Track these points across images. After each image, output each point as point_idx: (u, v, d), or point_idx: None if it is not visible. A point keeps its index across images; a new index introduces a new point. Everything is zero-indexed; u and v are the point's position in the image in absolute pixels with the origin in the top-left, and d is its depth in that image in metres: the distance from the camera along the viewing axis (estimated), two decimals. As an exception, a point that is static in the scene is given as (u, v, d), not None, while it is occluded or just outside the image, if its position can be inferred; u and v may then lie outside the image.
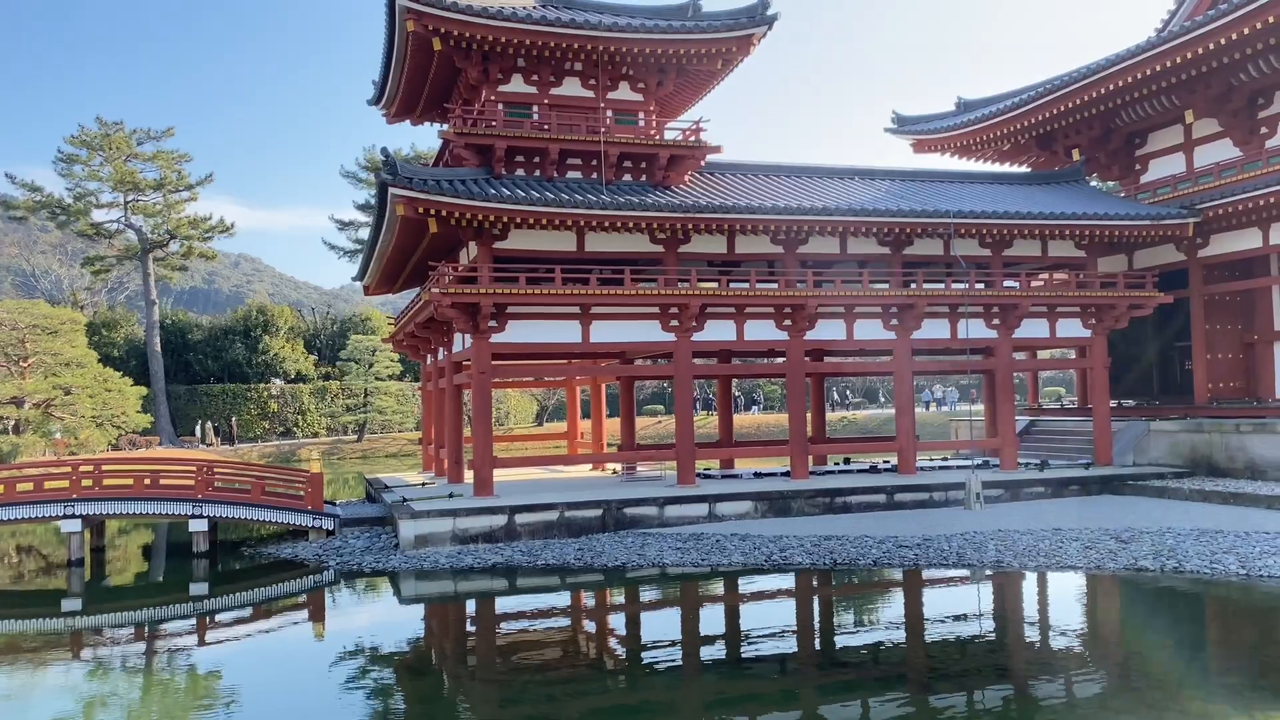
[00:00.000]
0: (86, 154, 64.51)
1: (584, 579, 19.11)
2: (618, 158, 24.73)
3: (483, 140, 23.69)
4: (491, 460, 23.82)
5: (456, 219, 22.28)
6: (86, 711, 12.47)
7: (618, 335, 24.65)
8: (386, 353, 66.26)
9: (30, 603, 20.34)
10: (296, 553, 22.32)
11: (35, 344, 47.09)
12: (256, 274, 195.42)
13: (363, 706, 12.19)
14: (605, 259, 24.70)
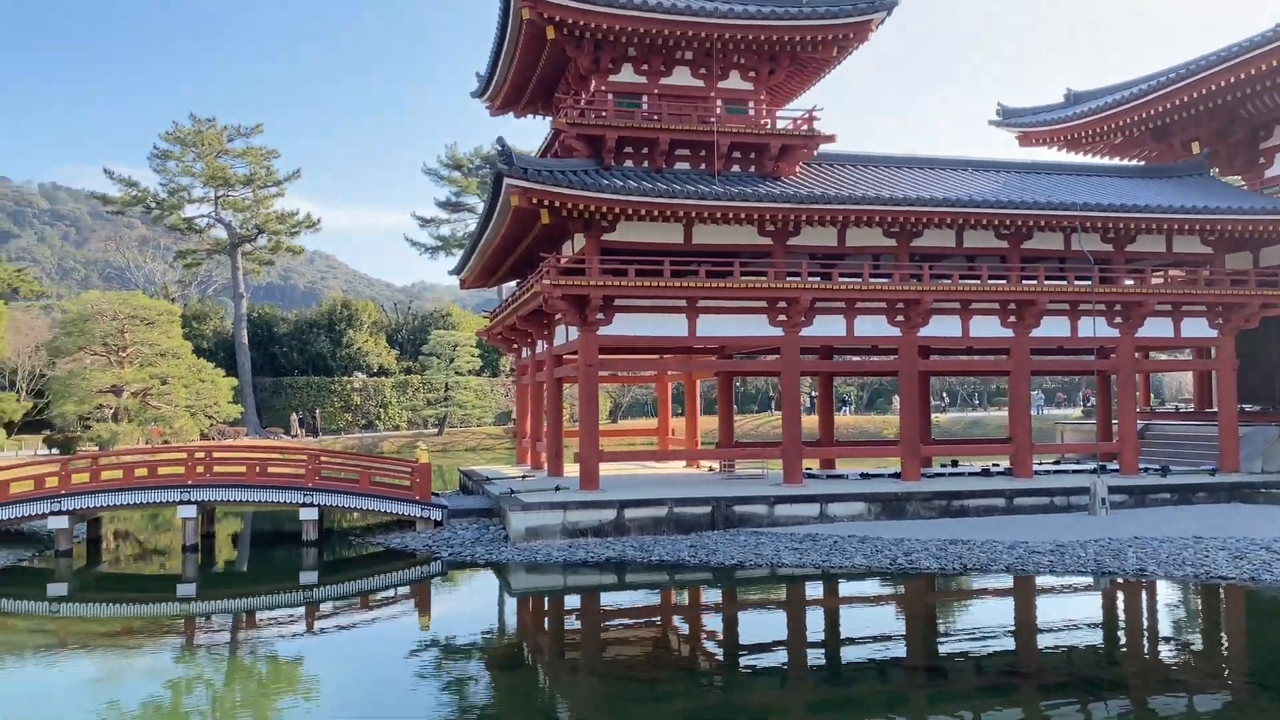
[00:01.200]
0: (180, 150, 66.04)
1: (694, 577, 18.71)
2: (728, 148, 24.23)
3: (594, 131, 23.37)
4: (598, 454, 23.52)
5: (568, 210, 22.01)
6: (194, 694, 12.49)
7: (724, 330, 24.16)
8: (467, 348, 66.72)
9: (149, 587, 20.62)
10: (405, 543, 22.26)
11: (133, 334, 48.20)
12: (331, 270, 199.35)
13: (469, 696, 12.06)
14: (712, 251, 24.23)
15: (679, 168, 24.65)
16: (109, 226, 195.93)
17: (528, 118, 29.61)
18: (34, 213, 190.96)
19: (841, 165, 27.04)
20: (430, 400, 67.73)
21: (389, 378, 71.31)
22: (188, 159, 65.96)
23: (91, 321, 47.45)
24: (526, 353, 32.25)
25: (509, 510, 21.59)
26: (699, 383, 32.87)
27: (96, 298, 50.23)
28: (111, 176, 66.28)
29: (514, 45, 24.12)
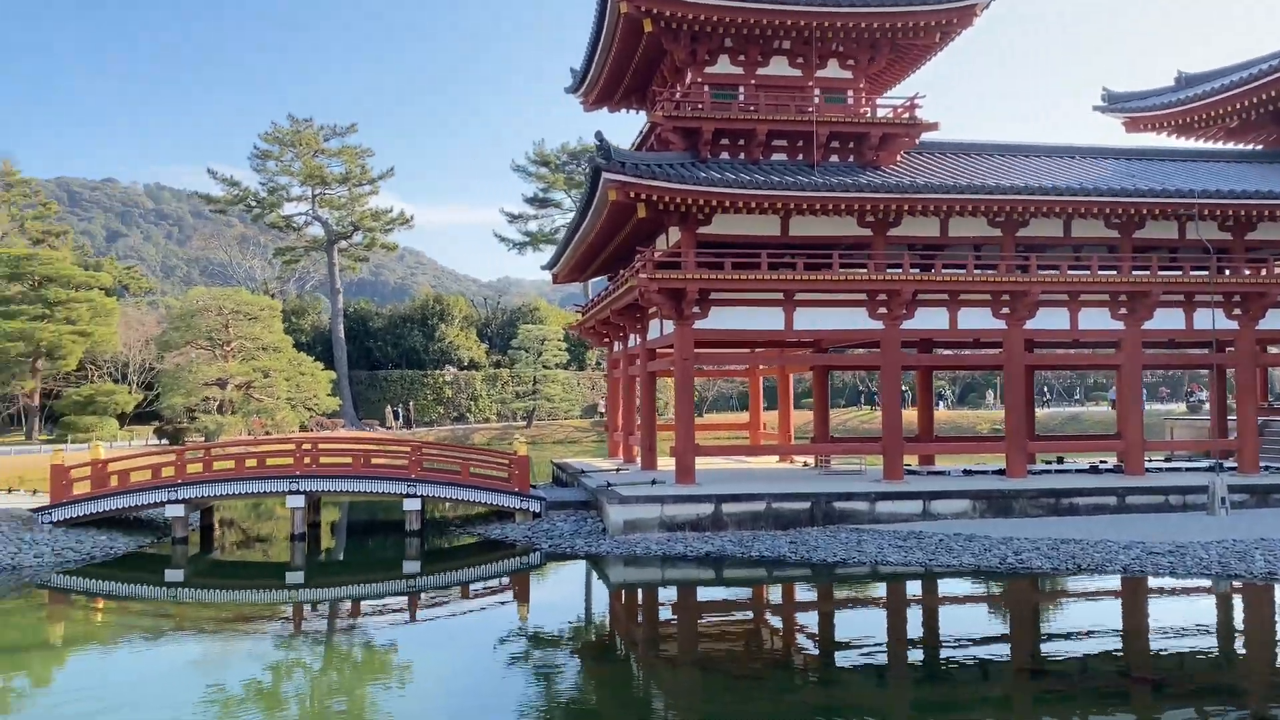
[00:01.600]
0: (279, 150, 68.12)
1: (793, 573, 18.52)
2: (827, 138, 23.85)
3: (691, 123, 23.26)
4: (694, 448, 23.43)
5: (665, 203, 21.95)
6: (296, 678, 12.84)
7: (821, 323, 23.82)
8: (555, 342, 67.40)
9: (260, 574, 21.27)
10: (505, 534, 22.53)
11: (237, 329, 49.91)
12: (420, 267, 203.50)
13: (567, 686, 12.14)
14: (809, 244, 23.90)
15: (775, 159, 24.37)
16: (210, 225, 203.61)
17: (621, 112, 29.62)
18: (140, 212, 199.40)
19: (942, 154, 26.40)
20: (519, 393, 68.61)
21: (479, 371, 72.49)
22: (286, 158, 68.03)
23: (198, 317, 49.27)
24: (618, 346, 32.33)
25: (607, 503, 21.66)
26: (791, 376, 32.50)
27: (202, 294, 52.11)
28: (214, 176, 68.83)
29: (610, 39, 24.13)
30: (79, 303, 50.56)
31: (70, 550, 20.00)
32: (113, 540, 21.22)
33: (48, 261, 51.41)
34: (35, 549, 19.55)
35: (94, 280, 53.24)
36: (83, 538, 20.79)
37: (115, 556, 20.56)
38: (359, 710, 11.35)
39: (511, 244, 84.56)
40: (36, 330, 47.59)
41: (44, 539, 20.10)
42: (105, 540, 21.04)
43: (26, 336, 47.56)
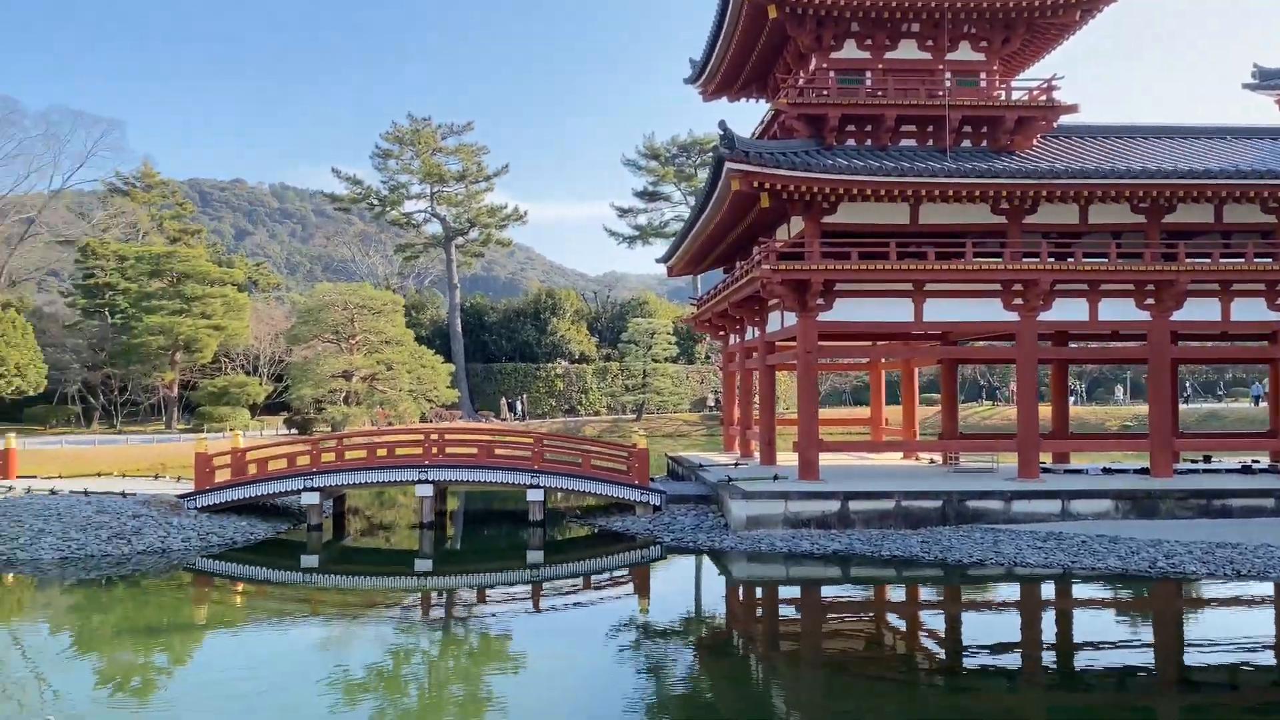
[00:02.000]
0: (399, 149, 69.90)
1: (923, 573, 17.92)
2: (959, 122, 23.02)
3: (816, 110, 22.76)
4: (818, 443, 22.95)
5: (789, 192, 21.52)
6: (416, 664, 12.99)
7: (952, 314, 23.02)
8: (664, 335, 67.37)
9: (390, 560, 21.78)
10: (626, 526, 22.53)
11: (362, 323, 51.45)
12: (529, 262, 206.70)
13: (686, 680, 12.04)
14: (939, 232, 23.12)
15: (904, 145, 23.66)
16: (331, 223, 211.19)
17: (741, 101, 29.24)
18: (266, 212, 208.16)
19: (1080, 137, 25.18)
20: (628, 386, 68.85)
21: (589, 364, 73.06)
22: (406, 157, 69.75)
23: (325, 311, 50.94)
24: (735, 339, 31.99)
25: (729, 498, 21.41)
26: (916, 371, 31.59)
27: (329, 289, 53.90)
28: (338, 175, 71.14)
29: (733, 26, 23.80)
30: (214, 298, 52.89)
31: (214, 535, 20.86)
32: (252, 526, 22.04)
33: (185, 259, 53.94)
34: (183, 533, 20.45)
35: (228, 276, 55.62)
36: (225, 523, 21.66)
37: (255, 542, 21.36)
38: (490, 696, 11.50)
39: (621, 238, 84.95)
40: (175, 324, 49.98)
41: (190, 524, 21.01)
42: (246, 526, 21.88)
43: (166, 330, 49.99)
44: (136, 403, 57.48)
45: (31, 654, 13.56)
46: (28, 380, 40.08)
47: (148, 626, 15.19)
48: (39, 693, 11.60)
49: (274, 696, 11.31)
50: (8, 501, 21.40)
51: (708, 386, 75.14)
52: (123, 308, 55.63)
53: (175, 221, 73.74)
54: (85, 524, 19.93)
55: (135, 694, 11.78)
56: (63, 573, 18.12)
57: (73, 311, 59.63)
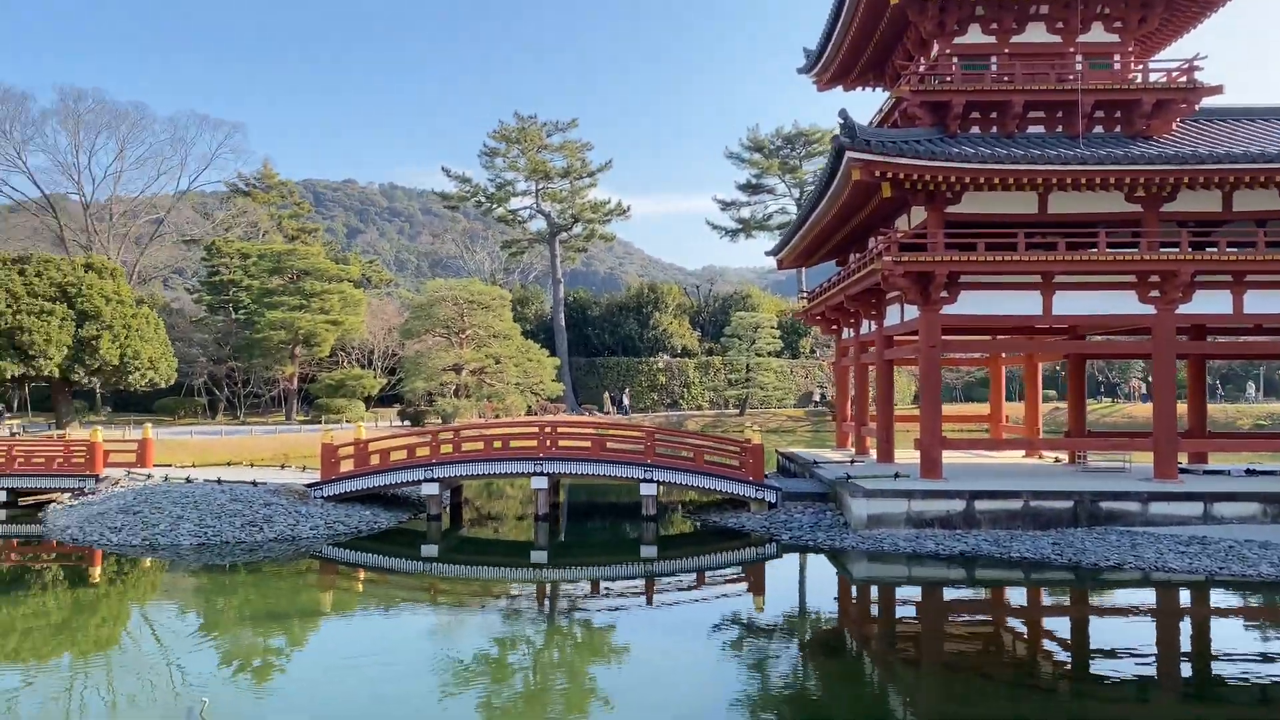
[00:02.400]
0: (505, 147, 70.88)
1: (1052, 576, 17.26)
2: (1090, 107, 22.02)
3: (940, 96, 22.07)
4: (941, 440, 22.29)
5: (912, 182, 20.93)
6: (521, 652, 13.00)
7: (1083, 307, 22.04)
8: (768, 329, 66.70)
9: (507, 551, 22.03)
10: (741, 523, 22.29)
11: (471, 317, 52.35)
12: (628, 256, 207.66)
13: (799, 683, 11.80)
14: (1069, 222, 22.19)
15: (1031, 132, 22.77)
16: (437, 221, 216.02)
17: (856, 90, 28.57)
18: (375, 211, 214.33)
19: (1221, 120, 23.84)
20: (731, 381, 68.42)
21: (692, 359, 72.89)
22: (512, 154, 70.69)
23: (436, 306, 51.99)
24: (849, 333, 31.36)
25: (849, 496, 20.97)
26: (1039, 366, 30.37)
27: (440, 285, 54.93)
28: (448, 174, 72.57)
29: (851, 13, 23.27)
30: (332, 294, 54.52)
31: (340, 523, 21.43)
32: (376, 515, 22.58)
33: (304, 256, 55.75)
34: (310, 521, 21.07)
35: (344, 273, 57.28)
36: (350, 512, 22.23)
37: (379, 530, 21.87)
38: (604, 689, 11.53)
39: (723, 231, 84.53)
40: (295, 319, 51.70)
41: (318, 512, 21.64)
42: (369, 515, 22.42)
43: (287, 325, 51.75)
44: (258, 395, 59.77)
45: (168, 635, 14.13)
46: (160, 373, 42.01)
47: (284, 611, 15.69)
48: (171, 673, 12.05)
49: (399, 680, 11.56)
50: (147, 489, 22.39)
51: (812, 381, 74.20)
52: (245, 304, 57.86)
53: (293, 221, 76.41)
54: (220, 511, 20.71)
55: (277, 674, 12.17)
56: (199, 557, 18.87)
57: (199, 307, 62.36)
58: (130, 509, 20.89)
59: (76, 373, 38.83)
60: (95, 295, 39.03)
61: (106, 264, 42.24)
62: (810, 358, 74.75)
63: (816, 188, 23.40)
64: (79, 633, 14.30)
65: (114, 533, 19.86)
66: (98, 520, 20.61)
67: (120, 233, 66.27)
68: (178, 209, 70.74)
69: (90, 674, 12.27)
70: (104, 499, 22.63)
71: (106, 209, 66.45)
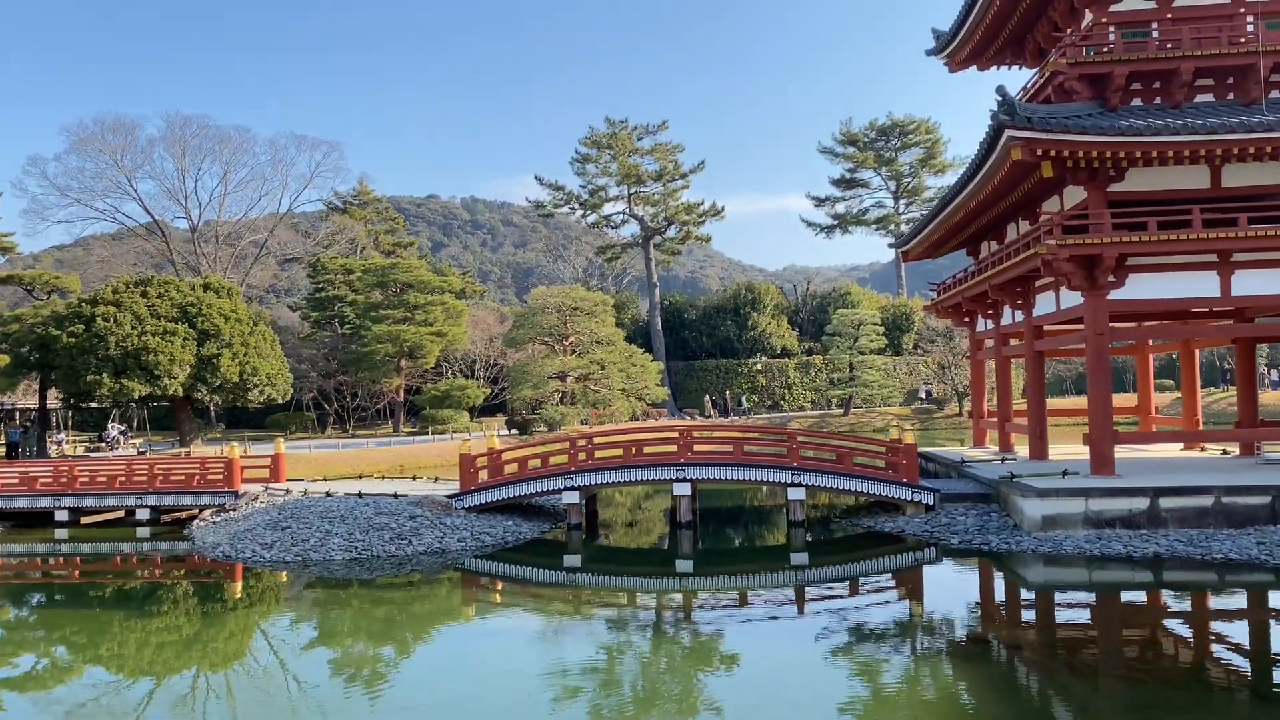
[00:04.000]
0: (596, 152, 70.61)
1: (1258, 578, 15.90)
2: (1271, 70, 20.39)
3: (1100, 69, 20.68)
4: (1112, 435, 20.88)
5: (1076, 159, 19.62)
6: (672, 667, 12.07)
7: (1267, 287, 20.42)
8: (871, 326, 65.05)
9: (650, 560, 21.34)
10: (900, 527, 21.19)
11: (574, 324, 52.10)
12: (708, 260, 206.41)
13: (989, 697, 10.93)
14: (1244, 195, 20.61)
15: (1200, 101, 21.21)
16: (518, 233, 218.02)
17: (991, 70, 27.20)
18: (458, 224, 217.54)
19: None
20: (834, 380, 66.88)
21: (791, 359, 71.54)
22: (604, 160, 70.37)
23: (539, 315, 51.85)
24: (987, 324, 29.93)
25: (1018, 496, 19.72)
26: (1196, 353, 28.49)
27: (544, 293, 54.81)
28: (541, 183, 72.54)
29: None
30: (434, 306, 54.85)
31: (486, 535, 20.99)
32: (518, 526, 22.10)
33: (408, 269, 56.22)
34: (457, 534, 20.66)
35: (446, 285, 57.57)
36: (493, 523, 21.79)
37: (523, 541, 21.38)
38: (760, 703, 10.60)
39: (819, 228, 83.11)
40: (401, 332, 52.11)
41: (462, 524, 21.23)
42: (512, 526, 21.95)
43: (393, 338, 52.19)
44: (365, 408, 60.50)
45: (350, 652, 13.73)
46: (277, 389, 42.58)
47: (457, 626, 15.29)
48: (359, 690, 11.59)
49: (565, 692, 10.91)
50: (290, 504, 22.31)
51: (917, 378, 72.09)
52: (350, 319, 58.63)
53: (389, 236, 77.40)
54: (368, 525, 20.44)
55: (471, 688, 11.61)
56: (350, 571, 18.57)
57: (305, 324, 63.43)
58: (278, 525, 20.78)
59: (199, 391, 39.53)
60: (215, 314, 39.69)
61: (224, 283, 43.03)
62: (915, 354, 72.61)
63: (965, 171, 22.17)
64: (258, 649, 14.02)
65: (266, 549, 19.72)
66: (247, 536, 20.54)
67: (225, 254, 67.92)
68: (279, 228, 72.25)
69: (290, 685, 11.90)
70: (247, 515, 22.62)
71: (212, 231, 68.18)
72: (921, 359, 72.26)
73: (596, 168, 70.29)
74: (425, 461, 41.92)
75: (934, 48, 26.85)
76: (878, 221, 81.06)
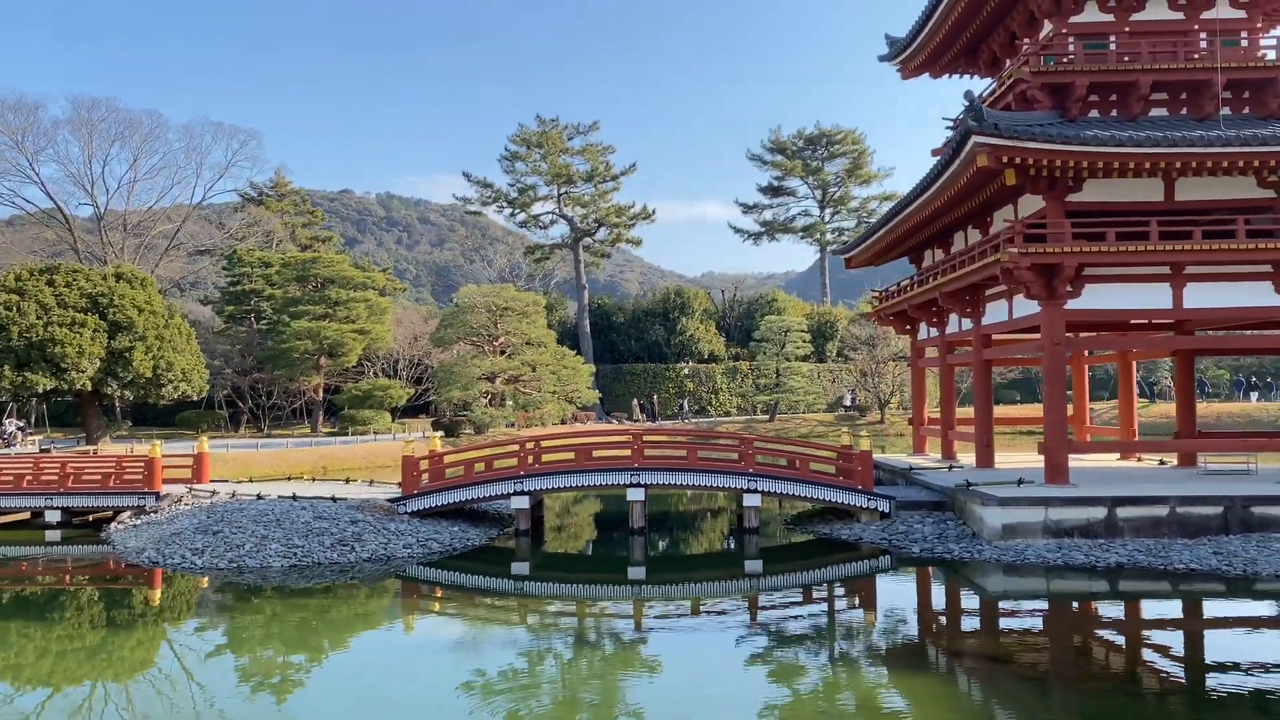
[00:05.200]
0: (526, 150, 69.44)
1: (1210, 587, 16.20)
2: (1223, 87, 20.76)
3: (1062, 78, 20.78)
4: (1066, 444, 20.99)
5: (1038, 168, 19.65)
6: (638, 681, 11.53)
7: (1216, 300, 20.77)
8: (799, 333, 65.40)
9: (602, 568, 20.61)
10: (857, 535, 20.90)
11: (505, 325, 50.93)
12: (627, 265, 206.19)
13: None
14: (1196, 209, 20.95)
15: (1155, 115, 21.50)
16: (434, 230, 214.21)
17: (944, 78, 27.29)
18: (373, 220, 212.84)
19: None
20: (760, 386, 67.03)
21: (718, 364, 71.47)
22: (534, 159, 69.23)
23: (468, 314, 50.56)
24: (930, 332, 30.02)
25: (977, 505, 19.61)
26: (1134, 365, 29.01)
27: (473, 291, 53.51)
28: (470, 180, 70.91)
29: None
30: (357, 302, 53.04)
31: (433, 541, 20.00)
32: (465, 531, 21.16)
33: (329, 264, 54.28)
34: (402, 539, 19.63)
35: (369, 281, 55.79)
36: (439, 529, 20.79)
37: (472, 548, 20.46)
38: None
39: (746, 234, 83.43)
40: (321, 329, 50.21)
41: (407, 529, 20.19)
42: (459, 531, 21.00)
43: (313, 335, 50.25)
44: (280, 407, 58.21)
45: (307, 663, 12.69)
46: (193, 385, 40.44)
47: (393, 636, 14.33)
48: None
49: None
50: (220, 507, 20.93)
51: (841, 385, 72.75)
52: (267, 314, 56.35)
53: (306, 230, 74.90)
54: (306, 530, 19.25)
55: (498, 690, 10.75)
56: (288, 579, 17.41)
57: (218, 319, 60.71)
58: (208, 529, 19.40)
59: (109, 386, 37.27)
60: (128, 305, 37.47)
61: (137, 273, 40.67)
62: (838, 361, 73.30)
63: (925, 177, 22.06)
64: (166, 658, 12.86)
65: (196, 554, 18.37)
66: (175, 541, 19.13)
67: (132, 244, 64.60)
68: (191, 219, 69.09)
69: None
70: (171, 517, 21.18)
71: (119, 220, 64.81)
72: (844, 366, 72.99)
73: (526, 166, 69.13)
74: (350, 463, 40.35)
75: (887, 54, 26.81)
76: (804, 230, 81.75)
